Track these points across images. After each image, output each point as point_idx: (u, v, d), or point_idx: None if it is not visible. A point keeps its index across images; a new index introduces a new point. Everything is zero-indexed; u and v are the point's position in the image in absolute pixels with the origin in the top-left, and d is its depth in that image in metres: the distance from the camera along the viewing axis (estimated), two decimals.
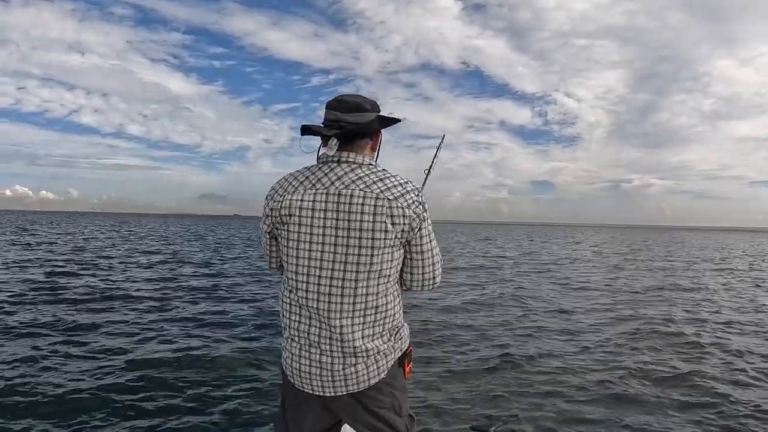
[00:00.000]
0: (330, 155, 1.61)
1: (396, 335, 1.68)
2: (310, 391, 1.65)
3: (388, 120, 1.72)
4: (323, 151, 1.62)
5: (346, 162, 1.61)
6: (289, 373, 1.68)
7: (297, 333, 1.64)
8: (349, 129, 1.60)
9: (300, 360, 1.64)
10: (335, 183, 1.58)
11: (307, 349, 1.62)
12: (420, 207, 1.60)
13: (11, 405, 4.14)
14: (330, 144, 1.58)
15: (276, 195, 1.63)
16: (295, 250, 1.59)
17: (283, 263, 1.66)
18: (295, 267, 1.60)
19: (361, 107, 1.62)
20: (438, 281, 1.74)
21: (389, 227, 1.54)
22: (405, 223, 1.56)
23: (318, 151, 1.66)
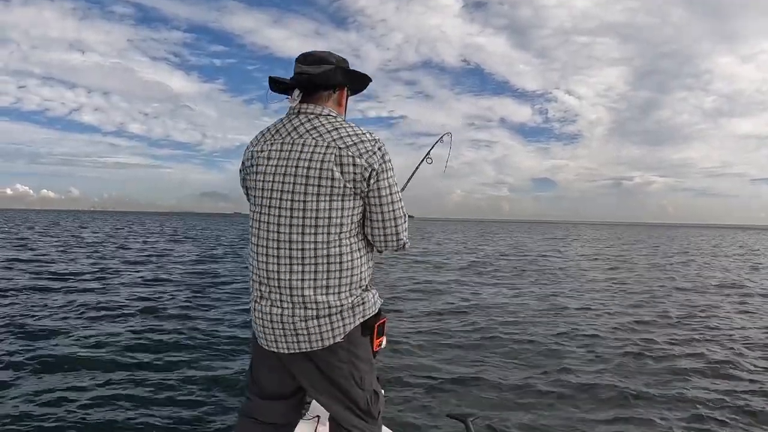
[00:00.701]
0: (292, 107, 1.64)
1: (356, 295, 1.61)
2: (266, 347, 1.64)
3: (353, 74, 1.71)
4: (288, 103, 1.65)
5: (304, 113, 1.63)
6: (253, 326, 1.68)
7: (254, 283, 1.64)
8: (310, 79, 1.62)
9: (255, 312, 1.64)
10: (291, 133, 1.60)
11: (259, 301, 1.62)
12: (374, 157, 1.56)
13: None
14: (293, 95, 1.62)
15: (246, 149, 1.70)
16: (254, 198, 1.64)
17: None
18: (253, 215, 1.63)
19: (325, 60, 1.65)
20: (402, 240, 1.68)
21: (337, 175, 1.52)
22: (356, 173, 1.53)
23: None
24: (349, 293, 1.59)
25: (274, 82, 1.65)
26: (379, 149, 1.58)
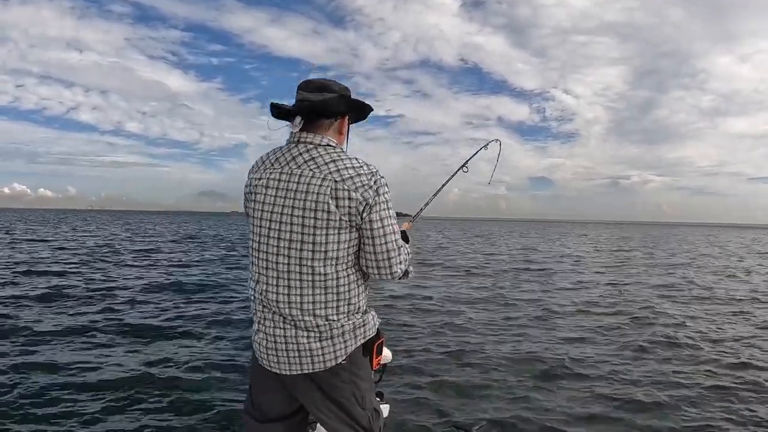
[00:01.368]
0: (293, 133, 1.66)
1: (355, 319, 1.64)
2: (267, 367, 1.67)
3: (354, 103, 1.72)
4: (290, 130, 1.67)
5: (303, 142, 1.64)
6: (254, 348, 1.71)
7: (256, 305, 1.68)
8: (312, 107, 1.62)
9: (257, 333, 1.67)
10: (290, 163, 1.62)
11: (262, 322, 1.65)
12: (369, 192, 1.56)
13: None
14: (294, 122, 1.63)
15: (248, 175, 1.73)
16: (252, 225, 1.66)
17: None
18: (252, 242, 1.67)
19: (327, 88, 1.66)
20: (396, 272, 1.66)
21: (332, 208, 1.54)
22: (350, 206, 1.55)
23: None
24: (347, 318, 1.63)
25: (275, 107, 1.66)
26: (375, 182, 1.58)
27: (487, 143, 2.87)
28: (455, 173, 2.67)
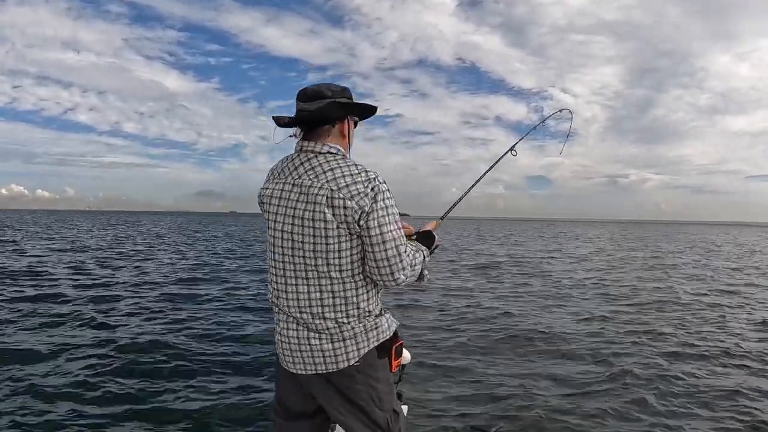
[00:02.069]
0: (297, 143, 1.70)
1: (366, 322, 1.66)
2: (285, 367, 1.73)
3: (351, 106, 1.72)
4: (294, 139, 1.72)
5: (305, 151, 1.67)
6: (276, 348, 1.77)
7: (274, 307, 1.74)
8: (306, 117, 1.65)
9: (277, 335, 1.73)
10: (293, 173, 1.66)
11: (279, 324, 1.72)
12: (365, 199, 1.56)
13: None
14: (296, 133, 1.69)
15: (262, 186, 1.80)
16: (267, 235, 1.72)
17: None
18: (268, 251, 1.73)
19: (320, 95, 1.66)
20: (399, 278, 1.64)
21: (329, 217, 1.56)
22: (347, 214, 1.55)
23: None
24: (358, 320, 1.65)
25: (277, 120, 1.70)
26: (373, 189, 1.57)
27: (557, 111, 2.82)
28: (502, 156, 2.55)
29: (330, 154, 1.65)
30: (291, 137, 1.72)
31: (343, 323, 1.63)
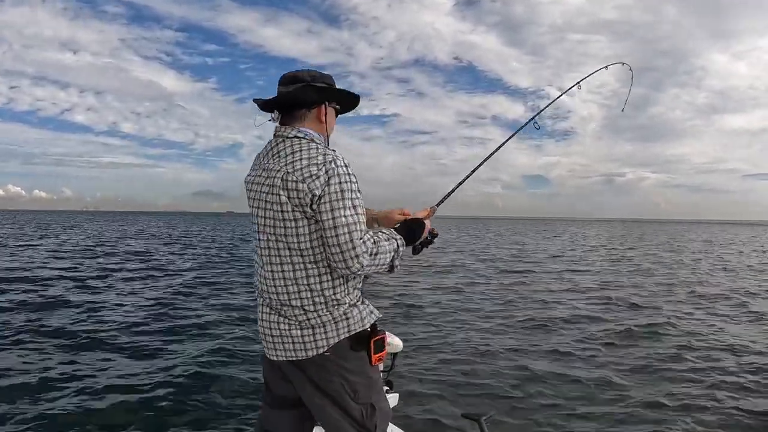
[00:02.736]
0: (275, 128, 1.70)
1: (335, 311, 1.62)
2: (264, 351, 1.75)
3: (330, 91, 1.70)
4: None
5: (278, 136, 1.68)
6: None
7: (257, 292, 1.76)
8: (281, 99, 1.67)
9: (258, 320, 1.74)
10: (265, 157, 1.67)
11: (259, 308, 1.73)
12: (316, 182, 1.52)
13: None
14: (274, 117, 1.69)
15: None
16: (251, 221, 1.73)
17: None
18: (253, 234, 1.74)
19: (298, 79, 1.68)
20: (353, 266, 1.53)
21: (284, 199, 1.56)
22: (299, 197, 1.54)
23: None
24: (325, 309, 1.61)
25: (257, 103, 1.70)
26: (327, 171, 1.53)
27: (610, 64, 2.66)
28: (523, 126, 2.39)
29: (297, 138, 1.63)
30: (269, 121, 1.71)
31: (309, 311, 1.60)
